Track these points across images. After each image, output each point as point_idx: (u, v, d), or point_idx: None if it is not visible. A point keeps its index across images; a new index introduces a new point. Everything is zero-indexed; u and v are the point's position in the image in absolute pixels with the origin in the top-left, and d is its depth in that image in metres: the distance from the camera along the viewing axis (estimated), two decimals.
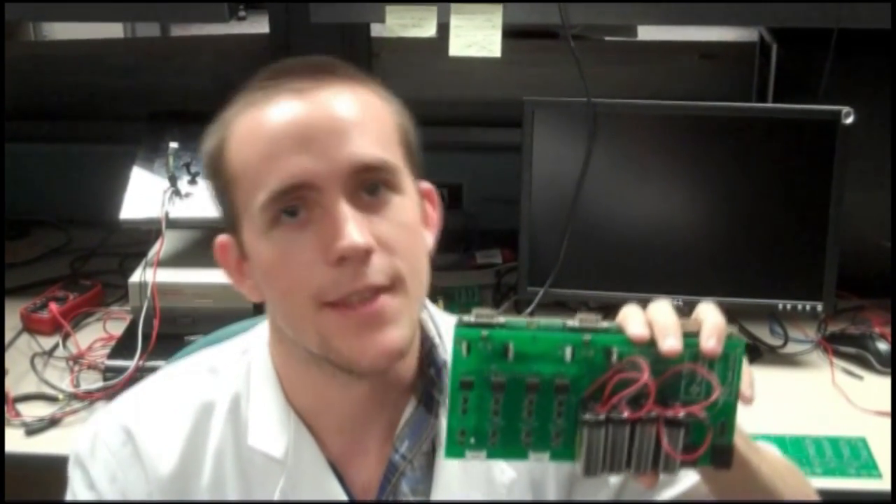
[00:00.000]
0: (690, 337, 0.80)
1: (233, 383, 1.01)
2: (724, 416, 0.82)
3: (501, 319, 0.80)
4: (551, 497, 1.02)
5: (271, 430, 0.99)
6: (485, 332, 0.79)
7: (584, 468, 0.81)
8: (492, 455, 0.82)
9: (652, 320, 0.80)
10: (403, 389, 0.99)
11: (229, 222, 0.96)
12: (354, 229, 0.87)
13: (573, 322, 0.80)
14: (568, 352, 0.80)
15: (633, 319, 0.80)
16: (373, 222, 0.89)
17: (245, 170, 0.91)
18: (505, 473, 1.00)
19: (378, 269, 0.88)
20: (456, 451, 0.81)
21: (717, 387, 0.80)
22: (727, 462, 0.83)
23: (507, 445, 0.82)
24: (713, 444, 0.82)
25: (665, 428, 0.80)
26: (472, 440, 0.81)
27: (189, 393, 1.01)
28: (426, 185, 1.00)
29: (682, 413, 0.80)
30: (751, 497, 0.91)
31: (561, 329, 0.80)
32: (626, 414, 0.79)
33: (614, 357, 0.80)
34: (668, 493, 1.01)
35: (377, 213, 0.90)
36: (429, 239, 0.98)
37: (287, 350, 0.98)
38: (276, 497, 0.98)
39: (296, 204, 0.89)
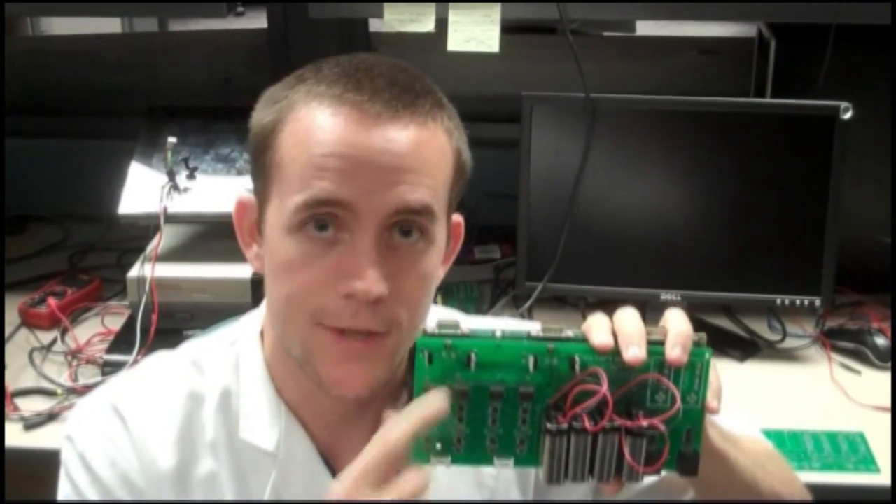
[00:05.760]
0: (656, 345, 0.80)
1: (221, 377, 1.01)
2: (690, 424, 0.82)
3: (466, 330, 0.81)
4: (533, 481, 1.02)
5: (262, 423, 0.99)
6: (448, 342, 0.80)
7: (548, 476, 0.81)
8: (456, 461, 0.82)
9: (617, 329, 0.81)
10: (395, 384, 1.00)
11: (258, 193, 0.95)
12: (374, 276, 0.87)
13: (537, 332, 0.81)
14: (531, 361, 0.80)
15: (597, 328, 0.81)
16: (394, 269, 0.89)
17: (291, 164, 0.90)
18: None
19: (380, 317, 0.89)
20: (421, 456, 0.82)
21: (676, 400, 0.80)
22: (693, 469, 0.83)
23: (472, 452, 0.82)
24: (679, 452, 0.83)
25: (627, 438, 0.80)
26: (438, 446, 0.82)
27: (176, 383, 1.01)
28: (457, 219, 1.00)
29: (644, 424, 0.80)
30: (730, 488, 0.91)
31: (525, 338, 0.81)
32: (587, 425, 0.79)
33: (577, 366, 0.80)
34: (648, 479, 1.01)
35: (401, 260, 0.90)
36: (441, 274, 0.98)
37: (278, 339, 0.98)
38: (269, 489, 0.98)
39: (327, 219, 0.88)
